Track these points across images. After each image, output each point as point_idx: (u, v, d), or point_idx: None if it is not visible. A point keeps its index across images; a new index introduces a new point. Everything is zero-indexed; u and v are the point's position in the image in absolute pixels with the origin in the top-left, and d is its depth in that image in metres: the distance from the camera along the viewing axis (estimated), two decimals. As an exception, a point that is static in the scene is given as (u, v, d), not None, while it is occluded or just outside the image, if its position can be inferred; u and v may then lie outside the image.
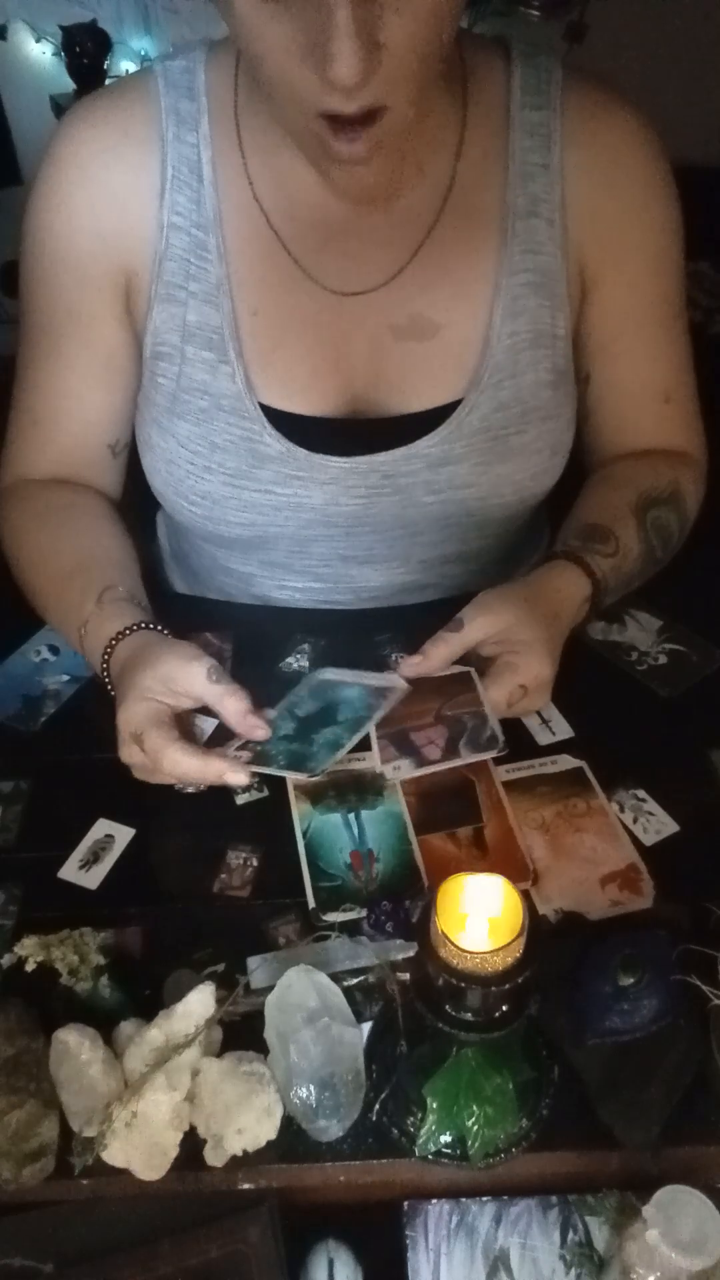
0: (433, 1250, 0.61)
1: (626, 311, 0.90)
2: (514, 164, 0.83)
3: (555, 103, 0.83)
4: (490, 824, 0.78)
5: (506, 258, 0.84)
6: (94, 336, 0.88)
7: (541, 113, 0.83)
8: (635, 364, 0.93)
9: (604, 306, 0.90)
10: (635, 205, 0.87)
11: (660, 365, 0.94)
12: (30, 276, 0.89)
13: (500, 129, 0.83)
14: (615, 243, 0.87)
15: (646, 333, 0.92)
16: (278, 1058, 0.62)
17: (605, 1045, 0.63)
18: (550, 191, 0.84)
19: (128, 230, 0.84)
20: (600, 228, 0.86)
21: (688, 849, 0.77)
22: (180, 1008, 0.62)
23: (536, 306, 0.86)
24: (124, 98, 0.84)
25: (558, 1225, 0.62)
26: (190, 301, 0.85)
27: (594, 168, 0.84)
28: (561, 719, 0.86)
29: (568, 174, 0.84)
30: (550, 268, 0.85)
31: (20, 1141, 0.59)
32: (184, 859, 0.77)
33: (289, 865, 0.75)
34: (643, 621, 0.97)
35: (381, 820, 0.78)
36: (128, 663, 0.77)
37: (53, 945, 0.66)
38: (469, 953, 0.53)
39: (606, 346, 0.92)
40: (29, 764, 0.83)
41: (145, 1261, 0.59)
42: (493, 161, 0.84)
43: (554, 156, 0.83)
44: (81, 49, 2.73)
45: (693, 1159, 0.62)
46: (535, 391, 0.88)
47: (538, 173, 0.84)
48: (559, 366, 0.89)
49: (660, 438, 0.97)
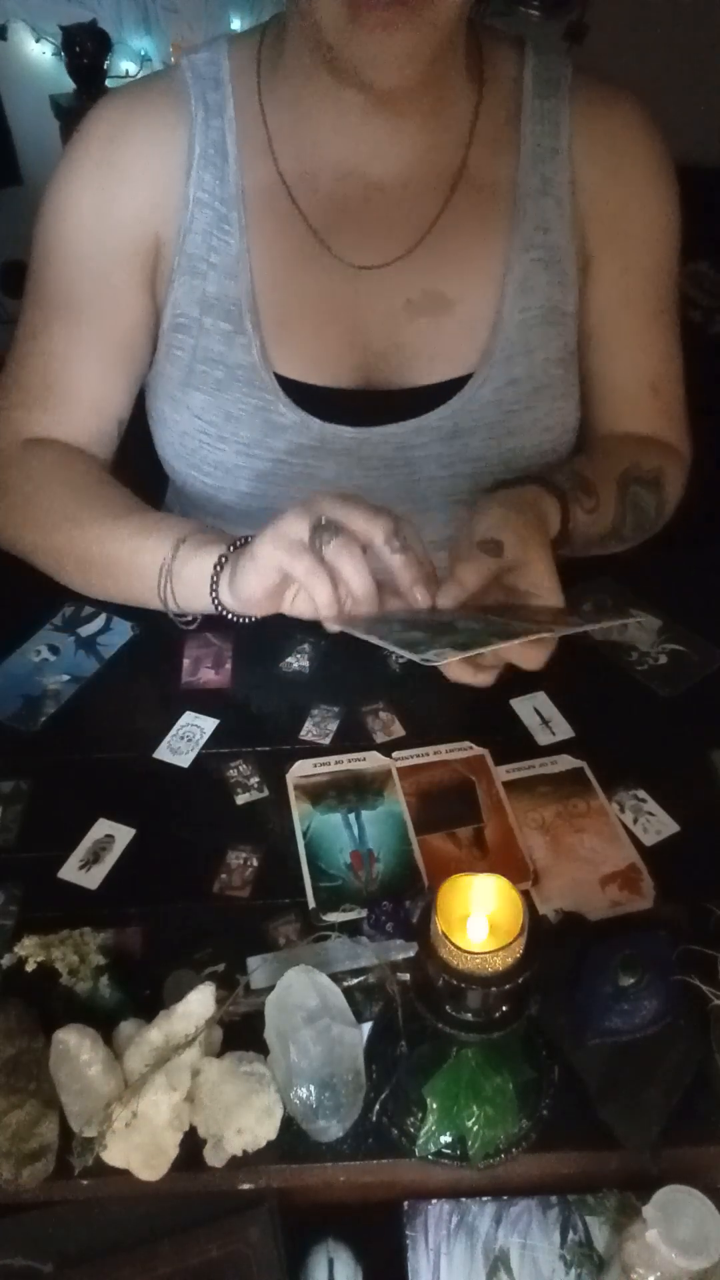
0: (433, 1250, 0.61)
1: (615, 295, 0.92)
2: (526, 146, 0.86)
3: (564, 93, 0.87)
4: (490, 824, 0.78)
5: (518, 235, 0.87)
6: (119, 306, 0.90)
7: (552, 101, 0.87)
8: (623, 351, 0.95)
9: (595, 288, 0.92)
10: (636, 194, 0.90)
11: (648, 356, 0.96)
12: (50, 249, 0.89)
13: (513, 114, 0.87)
14: (613, 226, 0.90)
15: (634, 320, 0.94)
16: (278, 1058, 0.62)
17: (605, 1045, 0.63)
18: (561, 173, 0.87)
19: (158, 204, 0.86)
20: (602, 209, 0.89)
21: (688, 849, 0.77)
22: (180, 1008, 0.62)
23: (547, 284, 0.88)
24: (153, 88, 0.87)
25: (558, 1225, 0.62)
26: (210, 274, 0.87)
27: (599, 154, 0.88)
28: (562, 719, 0.86)
29: (576, 158, 0.87)
30: (560, 245, 0.88)
31: (20, 1142, 0.59)
32: (184, 859, 0.77)
33: (289, 865, 0.75)
34: (643, 621, 0.97)
35: (381, 820, 0.78)
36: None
37: (53, 945, 0.66)
38: (469, 953, 0.53)
39: (595, 330, 0.94)
40: (29, 764, 0.83)
41: (145, 1261, 0.60)
42: (505, 143, 0.87)
43: (563, 141, 0.87)
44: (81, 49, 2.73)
45: (693, 1159, 0.62)
46: (546, 369, 0.90)
47: (549, 155, 0.87)
48: (569, 346, 0.92)
49: (647, 428, 0.98)
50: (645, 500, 0.93)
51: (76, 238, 0.88)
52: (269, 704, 0.88)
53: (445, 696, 0.89)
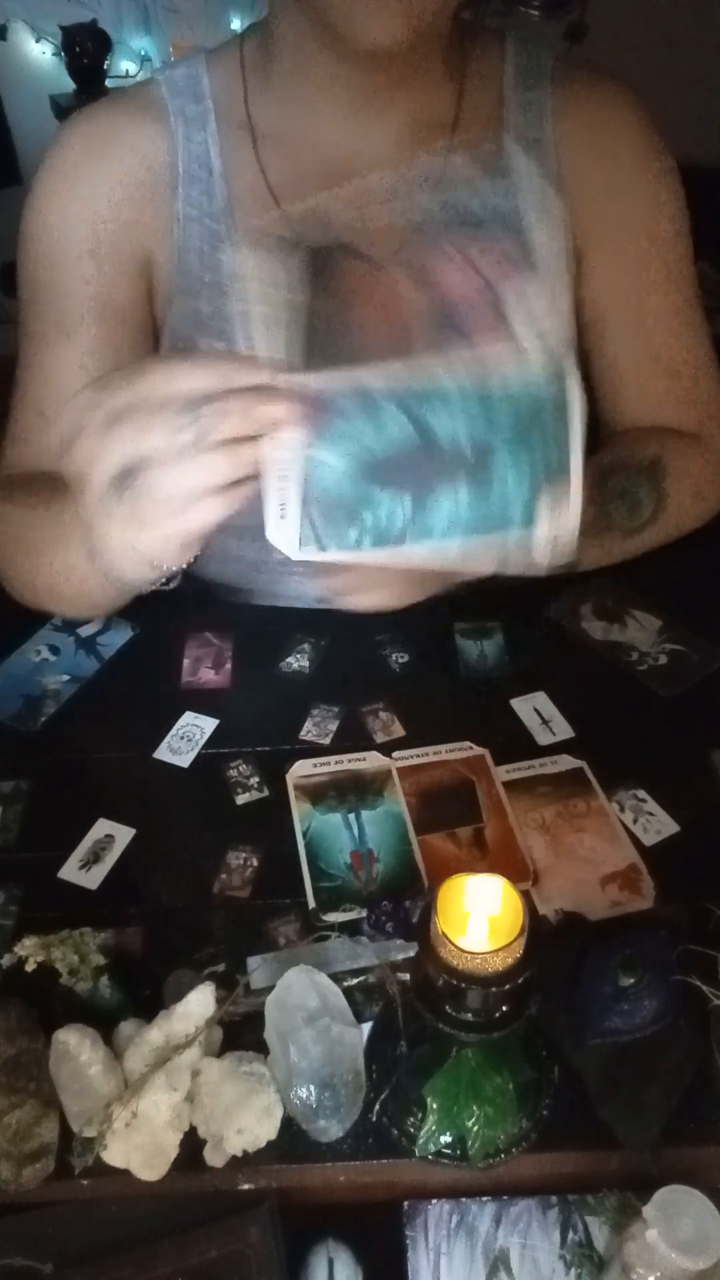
0: (433, 1250, 0.61)
1: (615, 284, 0.90)
2: (508, 140, 0.84)
3: (545, 79, 0.86)
4: (490, 824, 0.78)
5: None
6: (119, 328, 0.87)
7: (535, 92, 0.86)
8: (626, 338, 0.92)
9: (592, 280, 0.90)
10: (625, 177, 0.88)
11: (657, 340, 0.93)
12: (40, 268, 0.86)
13: (495, 106, 0.85)
14: (603, 214, 0.88)
15: (638, 307, 0.91)
16: (278, 1058, 0.62)
17: (605, 1045, 0.63)
18: (544, 164, 0.85)
19: (147, 222, 0.84)
20: (589, 198, 0.87)
21: (688, 849, 0.77)
22: (180, 1008, 0.62)
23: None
24: (129, 103, 0.84)
25: (558, 1225, 0.62)
26: (204, 291, 0.86)
27: (583, 140, 0.86)
28: (562, 719, 0.86)
29: (560, 146, 0.86)
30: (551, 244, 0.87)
31: (20, 1142, 0.59)
32: (184, 859, 0.77)
33: (289, 865, 0.75)
34: (643, 621, 0.97)
35: (381, 820, 0.78)
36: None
37: (53, 945, 0.66)
38: (469, 953, 0.53)
39: (597, 322, 0.92)
40: (29, 764, 0.83)
41: (145, 1261, 0.59)
42: (489, 138, 0.84)
43: (546, 130, 0.85)
44: (81, 49, 2.73)
45: (693, 1159, 0.62)
46: None
47: (531, 147, 0.85)
48: (566, 339, 0.90)
49: (663, 415, 0.95)
50: (634, 487, 0.90)
51: (64, 261, 0.85)
52: (269, 704, 0.88)
53: (445, 696, 0.90)
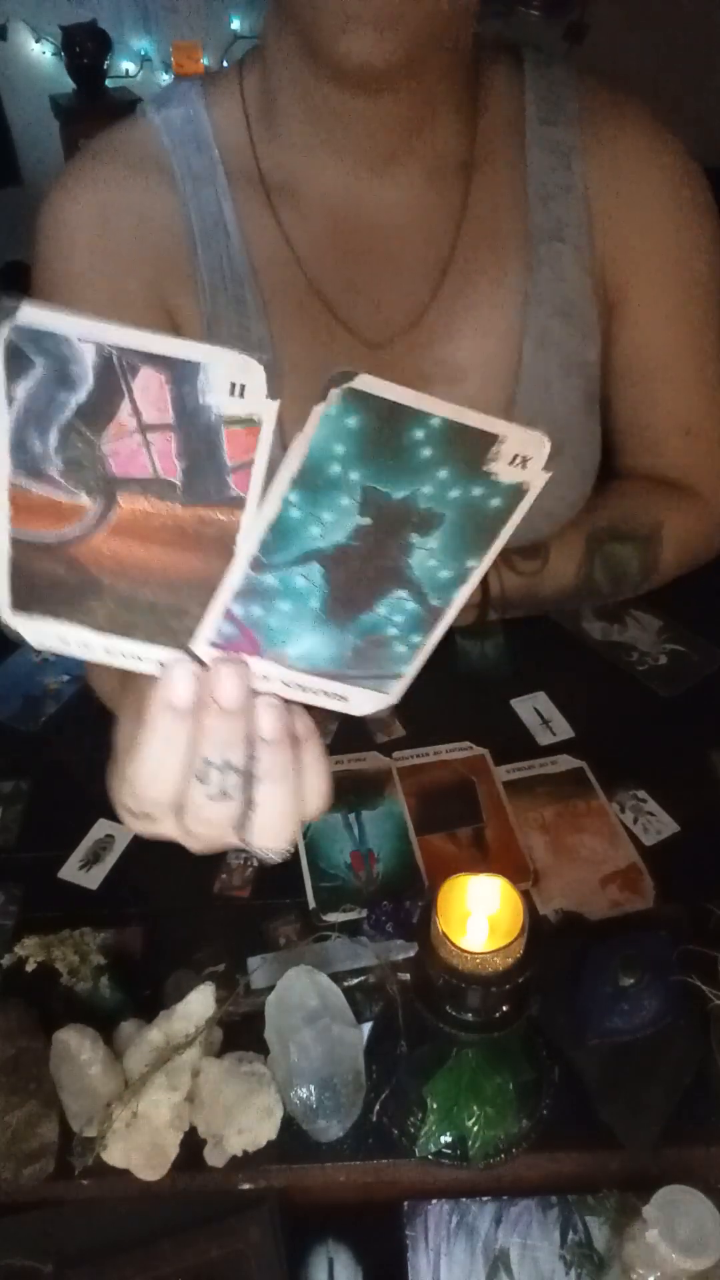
0: (433, 1250, 0.61)
1: (649, 337, 0.84)
2: (533, 184, 0.77)
3: (572, 113, 0.78)
4: (490, 824, 0.78)
5: (533, 287, 0.79)
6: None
7: (558, 127, 0.78)
8: (655, 393, 0.86)
9: (625, 331, 0.83)
10: (658, 220, 0.81)
11: (684, 396, 0.87)
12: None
13: (516, 145, 0.77)
14: (637, 262, 0.81)
15: (670, 360, 0.85)
16: (278, 1058, 0.62)
17: (605, 1046, 0.63)
18: (574, 213, 0.78)
19: (167, 287, 0.78)
20: (622, 245, 0.80)
21: (688, 850, 0.77)
22: (180, 1008, 0.62)
23: (566, 336, 0.80)
24: (128, 154, 0.76)
25: (558, 1225, 0.62)
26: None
27: (614, 182, 0.79)
28: (562, 719, 0.86)
29: (590, 192, 0.78)
30: (578, 296, 0.80)
31: (20, 1142, 0.59)
32: (184, 859, 0.76)
33: (289, 865, 0.75)
34: (643, 621, 0.97)
35: (382, 820, 0.78)
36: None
37: (53, 945, 0.66)
38: (469, 953, 0.53)
39: (627, 373, 0.85)
40: (29, 764, 0.83)
41: (145, 1261, 0.60)
42: (511, 182, 0.78)
43: (575, 175, 0.78)
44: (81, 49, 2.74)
45: (693, 1159, 0.62)
46: (568, 420, 0.83)
47: (559, 193, 0.78)
48: (592, 391, 0.84)
49: (675, 472, 0.90)
50: (627, 558, 0.87)
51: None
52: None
53: (445, 697, 0.90)
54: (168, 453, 0.33)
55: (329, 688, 0.40)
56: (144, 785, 0.39)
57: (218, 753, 0.38)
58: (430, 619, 0.38)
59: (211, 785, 0.39)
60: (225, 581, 0.36)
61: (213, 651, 0.38)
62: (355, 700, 0.41)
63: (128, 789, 0.41)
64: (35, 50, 2.83)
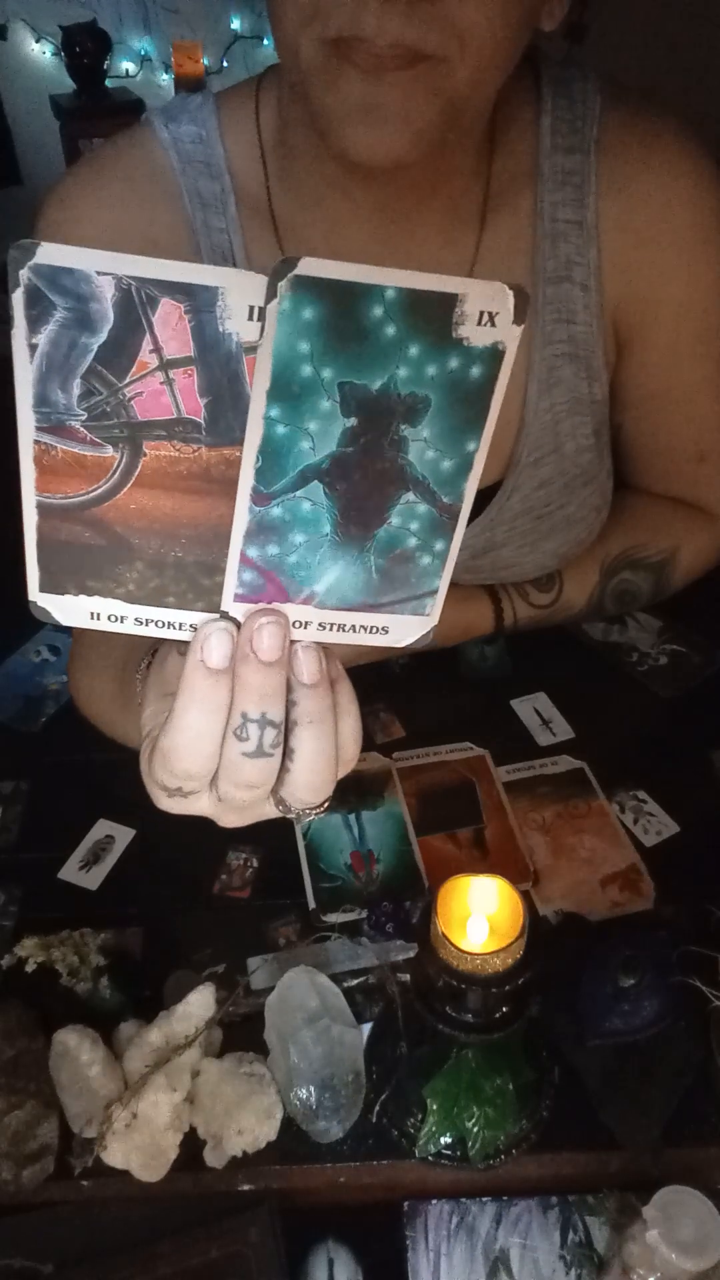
0: (433, 1250, 0.61)
1: (663, 372, 0.81)
2: (543, 223, 0.73)
3: (590, 141, 0.72)
4: (491, 825, 0.78)
5: (539, 329, 0.75)
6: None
7: (574, 157, 0.72)
8: (668, 423, 0.84)
9: (639, 367, 0.80)
10: (677, 260, 0.76)
11: (696, 425, 0.85)
12: None
13: (529, 180, 0.73)
14: (652, 300, 0.77)
15: (686, 395, 0.83)
16: (278, 1059, 0.62)
17: (605, 1046, 0.63)
18: (584, 253, 0.74)
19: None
20: (636, 285, 0.76)
21: (688, 850, 0.77)
22: (180, 1008, 0.62)
23: (573, 376, 0.77)
24: (133, 171, 0.72)
25: (558, 1226, 0.62)
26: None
27: (632, 221, 0.74)
28: (562, 719, 0.86)
29: (603, 229, 0.73)
30: (586, 337, 0.76)
31: (20, 1142, 0.59)
32: (184, 859, 0.77)
33: (289, 865, 0.75)
34: (643, 621, 0.97)
35: (382, 821, 0.78)
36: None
37: (53, 946, 0.66)
38: (469, 954, 0.53)
39: (640, 404, 0.83)
40: (29, 764, 0.83)
41: (145, 1262, 0.59)
42: (521, 221, 0.74)
43: (588, 211, 0.73)
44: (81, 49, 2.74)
45: (693, 1159, 0.62)
46: (576, 459, 0.80)
47: (570, 231, 0.73)
48: (601, 428, 0.81)
49: (687, 492, 0.89)
50: (638, 584, 0.86)
51: None
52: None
53: (445, 697, 0.90)
54: (191, 390, 0.33)
55: (366, 620, 0.39)
56: (181, 755, 0.38)
57: (257, 706, 0.37)
58: (448, 520, 0.37)
59: (250, 743, 0.38)
60: (235, 525, 0.36)
61: (244, 607, 0.38)
62: (396, 629, 0.40)
63: (162, 763, 0.39)
64: (35, 50, 2.83)
